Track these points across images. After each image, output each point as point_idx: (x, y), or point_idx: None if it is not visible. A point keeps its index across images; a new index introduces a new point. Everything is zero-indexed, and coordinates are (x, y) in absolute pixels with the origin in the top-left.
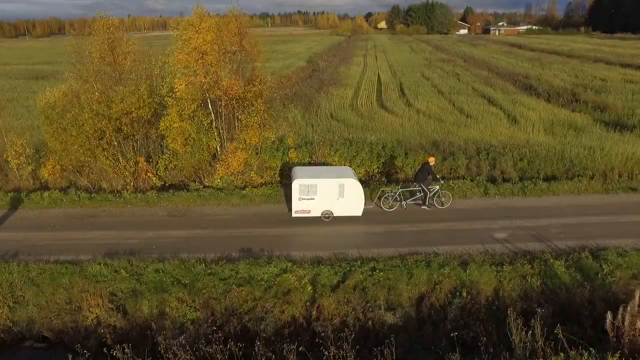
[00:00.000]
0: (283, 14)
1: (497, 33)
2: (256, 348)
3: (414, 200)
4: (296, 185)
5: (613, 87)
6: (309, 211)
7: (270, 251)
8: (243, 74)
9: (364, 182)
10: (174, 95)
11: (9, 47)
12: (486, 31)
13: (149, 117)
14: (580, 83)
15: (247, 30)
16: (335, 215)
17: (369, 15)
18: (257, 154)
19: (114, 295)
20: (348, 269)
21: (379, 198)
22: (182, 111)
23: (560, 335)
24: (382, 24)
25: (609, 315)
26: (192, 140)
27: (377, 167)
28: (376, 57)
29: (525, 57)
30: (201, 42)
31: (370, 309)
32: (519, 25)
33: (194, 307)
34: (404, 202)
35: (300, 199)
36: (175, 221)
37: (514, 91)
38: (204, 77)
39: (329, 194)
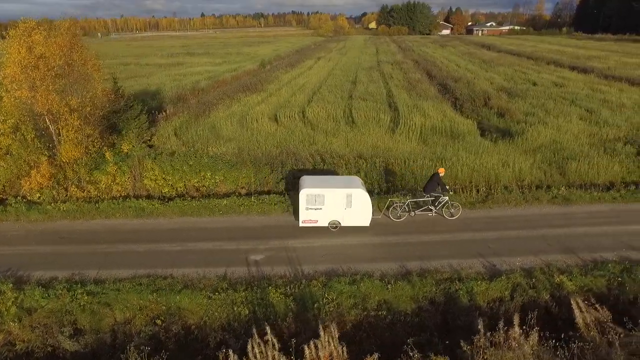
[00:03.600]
0: (277, 14)
1: (480, 33)
2: None
3: (422, 210)
4: (303, 194)
5: (535, 90)
6: (316, 221)
7: None
8: (74, 89)
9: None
10: None
11: None
12: (469, 31)
13: None
14: (505, 87)
15: (80, 44)
16: (342, 225)
17: (363, 15)
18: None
19: None
20: None
21: (387, 208)
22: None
23: None
24: (373, 24)
25: None
26: (11, 154)
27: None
28: (330, 59)
29: (482, 59)
30: (24, 55)
31: None
32: (504, 25)
33: None
34: (412, 212)
35: (307, 208)
36: None
37: (430, 96)
38: (29, 91)
39: (337, 204)
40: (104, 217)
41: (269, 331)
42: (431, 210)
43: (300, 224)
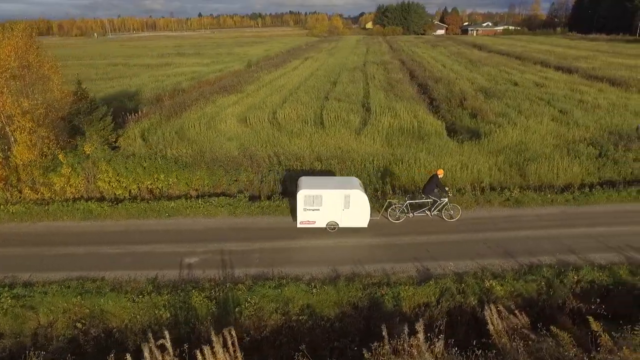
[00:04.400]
0: (274, 14)
1: (474, 33)
2: None
3: (421, 211)
4: (301, 195)
5: (514, 91)
6: (314, 222)
7: None
8: (30, 90)
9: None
10: None
11: None
12: (464, 32)
13: None
14: (486, 87)
15: (36, 45)
16: (340, 226)
17: (361, 15)
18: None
19: None
20: None
21: (386, 209)
22: None
23: None
24: (370, 24)
25: None
26: None
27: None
28: (317, 59)
29: (470, 59)
30: None
31: None
32: (498, 25)
33: None
34: (410, 214)
35: (305, 209)
36: None
37: (408, 96)
38: None
39: (334, 204)
40: (52, 219)
41: (167, 335)
42: (430, 211)
43: (298, 225)
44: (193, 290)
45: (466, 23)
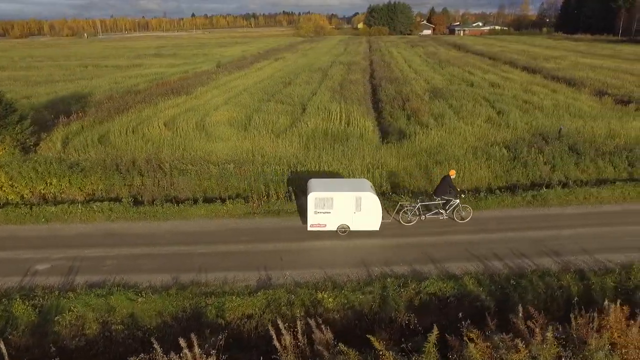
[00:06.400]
0: (268, 14)
1: (461, 33)
2: None
3: (433, 214)
4: (312, 198)
5: (465, 91)
6: (325, 225)
7: None
8: None
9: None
10: None
11: None
12: (452, 32)
13: None
14: (438, 87)
15: None
16: (352, 229)
17: (354, 15)
18: None
19: None
20: None
21: (397, 212)
22: None
23: None
24: (361, 25)
25: None
26: None
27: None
28: (287, 59)
29: (441, 59)
30: None
31: None
32: (487, 25)
33: None
34: (422, 216)
35: (316, 212)
36: None
37: (354, 97)
38: None
39: (346, 207)
40: None
41: None
42: (442, 213)
43: (309, 228)
44: (18, 299)
45: (457, 23)
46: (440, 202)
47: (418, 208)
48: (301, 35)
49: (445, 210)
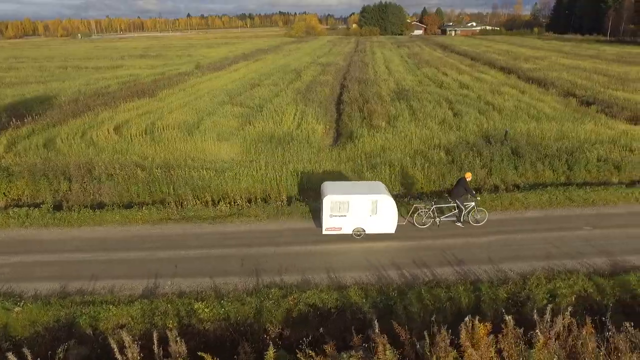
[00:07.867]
0: (264, 14)
1: (453, 34)
2: None
3: (448, 217)
4: (327, 201)
5: (429, 93)
6: (340, 228)
7: None
8: None
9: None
10: None
11: None
12: (443, 32)
13: None
14: (404, 88)
15: None
16: (367, 232)
17: (350, 16)
18: None
19: None
20: None
21: (412, 214)
22: None
23: None
24: (354, 25)
25: None
26: None
27: None
28: (266, 60)
29: (422, 60)
30: None
31: None
32: (478, 25)
33: None
34: (437, 219)
35: (331, 215)
36: None
37: (317, 100)
38: None
39: (362, 210)
40: None
41: None
42: (460, 215)
43: (324, 232)
44: None
45: (451, 23)
46: (455, 204)
47: (432, 210)
48: (291, 36)
49: (463, 213)
